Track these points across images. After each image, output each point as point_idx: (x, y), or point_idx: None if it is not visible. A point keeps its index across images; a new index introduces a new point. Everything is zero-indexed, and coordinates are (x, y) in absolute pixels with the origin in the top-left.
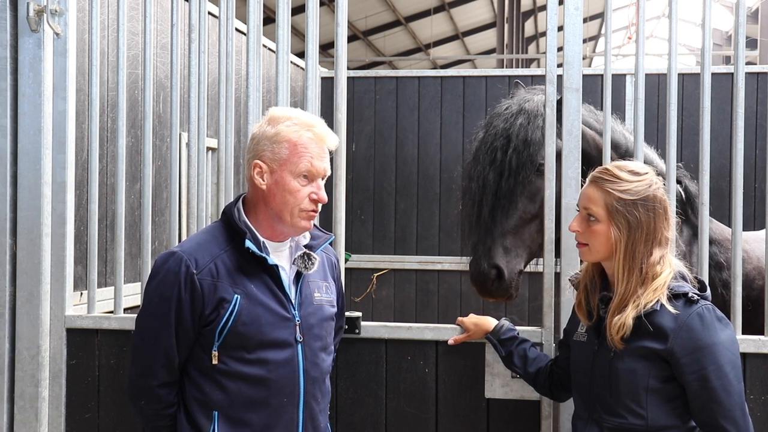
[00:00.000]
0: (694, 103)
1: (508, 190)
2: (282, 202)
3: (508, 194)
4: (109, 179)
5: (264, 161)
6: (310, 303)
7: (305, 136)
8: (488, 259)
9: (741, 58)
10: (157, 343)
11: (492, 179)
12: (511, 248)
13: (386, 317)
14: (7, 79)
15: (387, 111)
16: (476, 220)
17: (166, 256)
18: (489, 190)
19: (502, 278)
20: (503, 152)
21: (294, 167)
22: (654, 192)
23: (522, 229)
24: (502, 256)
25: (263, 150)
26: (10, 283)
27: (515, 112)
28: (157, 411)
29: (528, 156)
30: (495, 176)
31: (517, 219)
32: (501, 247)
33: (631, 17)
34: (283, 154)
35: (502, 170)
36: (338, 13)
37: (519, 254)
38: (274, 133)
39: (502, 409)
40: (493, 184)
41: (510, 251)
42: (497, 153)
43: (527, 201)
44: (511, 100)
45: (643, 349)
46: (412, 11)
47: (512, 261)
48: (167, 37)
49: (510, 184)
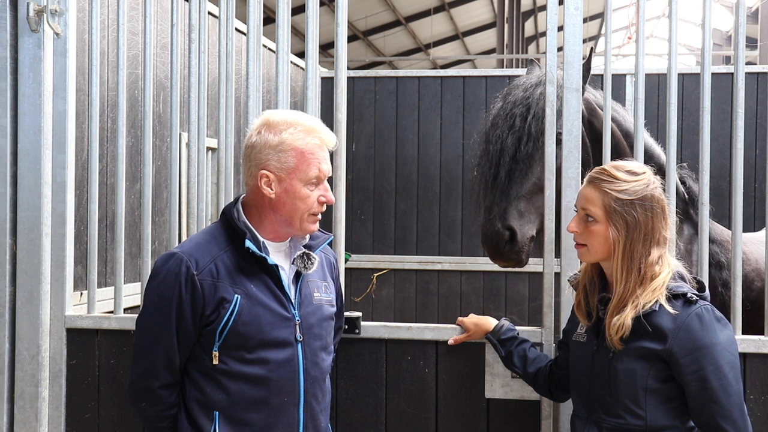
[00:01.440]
0: (694, 103)
1: (526, 155)
2: (293, 209)
3: (526, 158)
4: (109, 179)
5: (270, 170)
6: (309, 302)
7: (311, 142)
8: (503, 220)
9: (741, 58)
10: (158, 345)
11: (510, 143)
12: (525, 213)
13: (386, 317)
14: (7, 79)
15: (387, 111)
16: (492, 182)
17: (166, 257)
18: (507, 153)
19: (515, 240)
20: (522, 119)
21: (303, 175)
22: (652, 192)
23: (536, 196)
24: (516, 218)
25: (268, 159)
26: (10, 283)
27: (535, 83)
28: (158, 412)
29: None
30: (514, 141)
31: (532, 185)
32: (515, 210)
33: (631, 17)
34: (291, 163)
35: (521, 135)
36: (338, 13)
37: (532, 220)
38: (279, 141)
39: (502, 409)
40: (511, 147)
41: (524, 215)
42: (516, 119)
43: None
44: (529, 75)
45: (642, 350)
46: (412, 11)
47: (525, 225)
48: (167, 37)
49: (529, 149)
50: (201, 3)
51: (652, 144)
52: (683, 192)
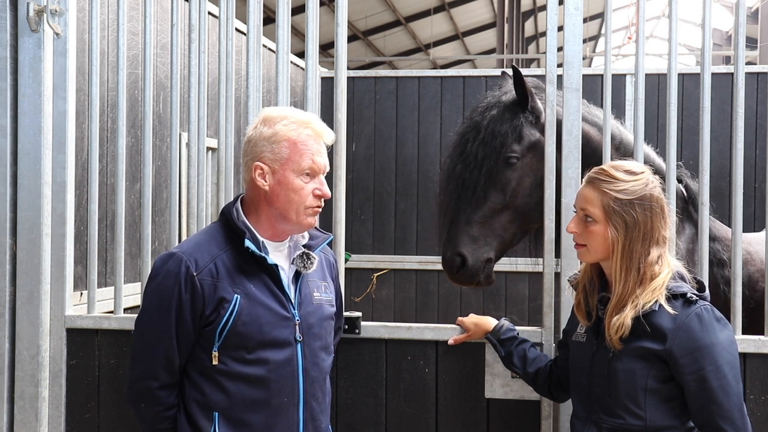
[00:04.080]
0: (694, 103)
1: (472, 181)
2: (287, 201)
3: (471, 185)
4: (109, 179)
5: (264, 162)
6: (309, 302)
7: (304, 133)
8: (452, 247)
9: (741, 58)
10: (158, 345)
11: (459, 171)
12: (479, 237)
13: (386, 317)
14: (7, 79)
15: (387, 111)
16: (444, 210)
17: (165, 257)
18: (454, 180)
19: (465, 265)
20: (471, 143)
21: (296, 165)
22: (650, 191)
23: (491, 220)
24: (467, 244)
25: (262, 151)
26: (10, 283)
27: (491, 104)
28: (157, 413)
29: (494, 147)
30: (462, 168)
31: (485, 210)
32: (466, 236)
33: (631, 17)
34: (284, 154)
35: (468, 162)
36: (338, 13)
37: (488, 242)
38: (272, 133)
39: (502, 409)
40: (458, 175)
41: (477, 240)
42: (467, 145)
43: (496, 192)
44: (495, 92)
45: (642, 350)
46: (412, 11)
47: (479, 249)
48: (167, 37)
49: (474, 175)
50: (201, 3)
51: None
52: (681, 190)
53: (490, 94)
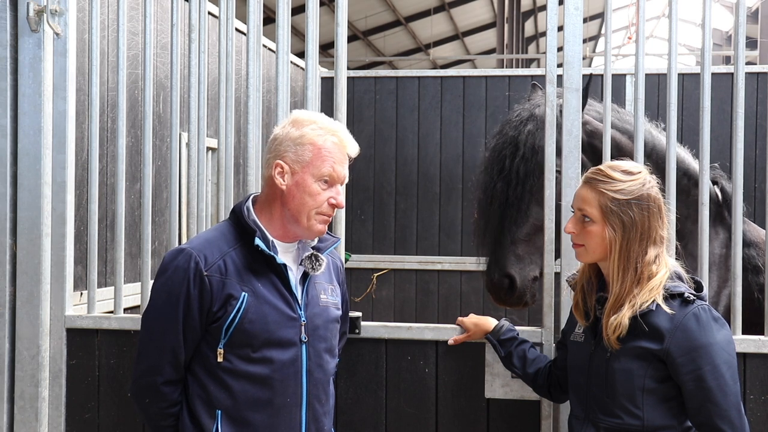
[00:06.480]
0: (694, 103)
1: (516, 199)
2: (300, 204)
3: (516, 203)
4: (109, 179)
5: (286, 162)
6: (316, 304)
7: (330, 140)
8: (499, 269)
9: (741, 58)
10: (165, 340)
11: (500, 188)
12: (524, 255)
13: (386, 317)
14: (7, 79)
15: (387, 111)
16: (487, 231)
17: (175, 252)
18: (497, 199)
19: (514, 287)
20: (511, 160)
21: (316, 170)
22: (648, 191)
23: (535, 237)
24: (514, 264)
25: (286, 150)
26: (10, 283)
27: (525, 118)
28: (161, 409)
29: (536, 163)
30: (503, 185)
31: (529, 227)
32: (513, 256)
33: (631, 17)
34: (307, 157)
35: (510, 179)
36: (338, 13)
37: (533, 260)
38: (299, 135)
39: (502, 409)
40: (501, 193)
41: (523, 259)
42: (506, 161)
43: (538, 208)
44: (524, 105)
45: (639, 349)
46: (412, 11)
47: (525, 268)
48: (167, 37)
49: (518, 193)
50: (201, 3)
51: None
52: (716, 193)
53: (519, 107)
